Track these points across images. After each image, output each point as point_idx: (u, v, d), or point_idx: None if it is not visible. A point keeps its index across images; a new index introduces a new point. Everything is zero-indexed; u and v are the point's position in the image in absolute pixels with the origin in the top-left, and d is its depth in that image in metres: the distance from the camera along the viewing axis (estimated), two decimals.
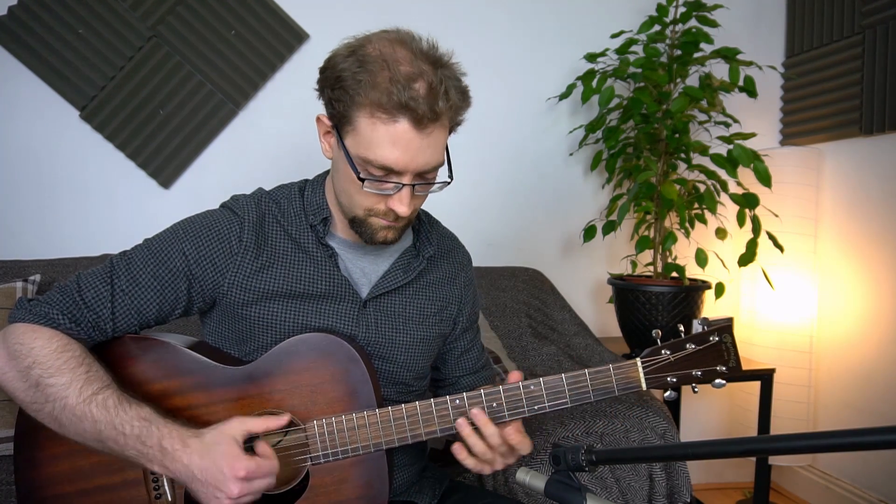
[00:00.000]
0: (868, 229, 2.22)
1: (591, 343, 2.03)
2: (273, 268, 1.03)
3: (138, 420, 0.90)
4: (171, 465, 0.89)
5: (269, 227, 1.06)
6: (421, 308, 1.13)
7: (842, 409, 2.31)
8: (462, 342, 1.23)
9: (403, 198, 0.96)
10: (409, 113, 0.91)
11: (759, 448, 0.75)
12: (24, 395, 0.92)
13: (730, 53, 2.02)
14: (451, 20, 2.29)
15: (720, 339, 1.01)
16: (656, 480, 1.52)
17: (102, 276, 0.99)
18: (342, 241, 1.09)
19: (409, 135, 0.92)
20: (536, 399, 1.00)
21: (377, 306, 1.09)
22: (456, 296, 1.19)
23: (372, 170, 0.94)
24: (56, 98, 2.03)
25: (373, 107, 0.91)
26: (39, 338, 0.92)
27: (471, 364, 1.25)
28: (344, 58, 0.94)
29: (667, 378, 1.01)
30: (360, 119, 0.93)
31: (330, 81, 0.96)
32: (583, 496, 0.77)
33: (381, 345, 1.09)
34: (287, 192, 1.10)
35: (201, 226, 1.03)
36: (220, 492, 0.87)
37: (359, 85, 0.91)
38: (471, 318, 1.24)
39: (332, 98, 0.95)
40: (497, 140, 2.37)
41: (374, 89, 0.90)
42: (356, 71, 0.92)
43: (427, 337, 1.14)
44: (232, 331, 1.05)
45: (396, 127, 0.92)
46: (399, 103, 0.90)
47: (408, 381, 1.13)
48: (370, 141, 0.93)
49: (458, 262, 1.21)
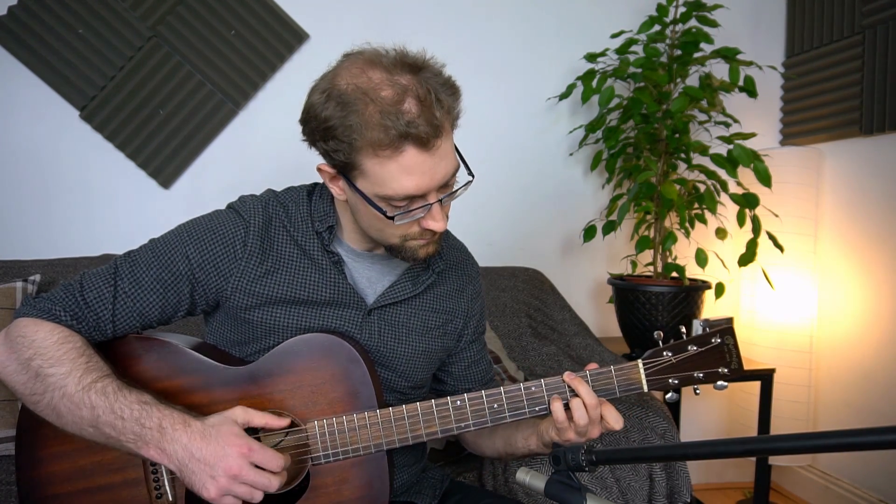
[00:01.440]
0: (868, 229, 2.22)
1: (591, 343, 2.03)
2: (277, 273, 1.03)
3: (138, 404, 0.89)
4: (168, 445, 0.87)
5: (275, 232, 1.04)
6: (425, 320, 1.12)
7: (842, 409, 2.31)
8: (469, 353, 1.21)
9: (436, 215, 0.94)
10: (412, 139, 0.87)
11: (759, 448, 0.75)
12: (24, 388, 0.92)
13: (730, 53, 2.02)
14: (451, 20, 2.29)
15: (722, 340, 1.01)
16: (656, 480, 1.52)
17: (106, 277, 0.99)
18: (349, 248, 1.08)
19: (418, 158, 0.89)
20: (538, 400, 1.00)
21: (382, 315, 1.08)
22: (462, 309, 1.17)
23: (396, 203, 0.92)
24: (56, 98, 2.03)
25: (374, 147, 0.88)
26: (41, 330, 0.93)
27: (479, 376, 1.23)
28: (322, 105, 0.90)
29: (668, 380, 1.01)
30: (365, 161, 0.90)
31: (319, 133, 0.92)
32: (583, 496, 0.77)
33: (383, 353, 1.08)
34: (296, 195, 1.09)
35: (206, 229, 1.02)
36: (216, 469, 0.85)
37: (351, 130, 0.87)
38: (477, 330, 1.22)
39: (329, 150, 0.92)
40: (497, 140, 2.37)
41: (368, 130, 0.86)
42: (341, 116, 0.88)
43: (429, 349, 1.13)
44: (234, 332, 1.05)
45: (405, 157, 0.88)
46: (398, 134, 0.86)
47: (404, 390, 1.13)
48: (383, 179, 0.90)
49: (466, 275, 1.20)
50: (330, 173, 0.97)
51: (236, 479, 0.86)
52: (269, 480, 0.88)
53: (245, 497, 0.88)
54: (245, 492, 0.87)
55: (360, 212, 0.98)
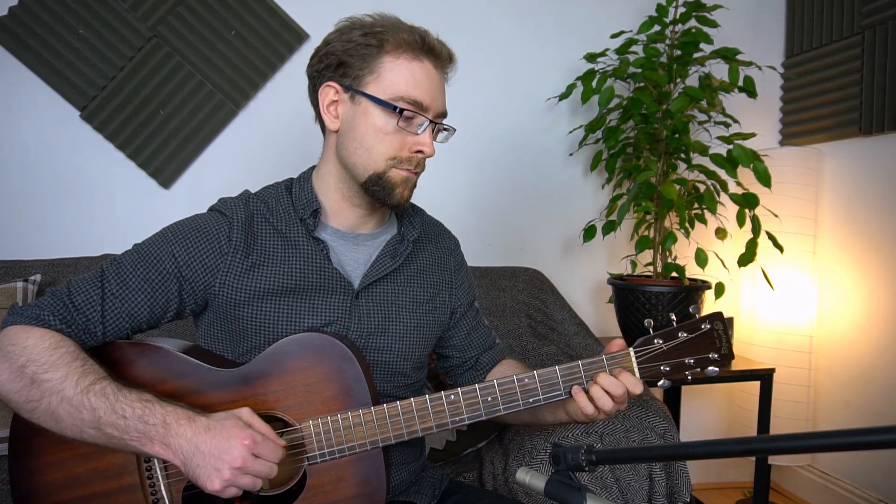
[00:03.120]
0: (868, 229, 2.22)
1: (591, 343, 2.03)
2: (264, 266, 1.04)
3: (139, 402, 0.90)
4: (173, 440, 0.88)
5: (258, 226, 1.06)
6: (413, 295, 1.15)
7: (841, 409, 2.31)
8: (466, 322, 1.25)
9: (427, 138, 1.04)
10: (433, 54, 1.03)
11: (759, 448, 0.75)
12: (18, 396, 0.91)
13: (729, 54, 2.02)
14: (451, 20, 2.29)
15: (711, 326, 1.02)
16: (656, 480, 1.52)
17: (93, 281, 0.99)
18: (334, 231, 1.10)
19: (432, 73, 1.03)
20: (531, 392, 1.01)
21: (369, 296, 1.10)
22: (446, 280, 1.21)
23: (402, 105, 1.01)
24: (56, 98, 2.03)
25: (398, 48, 1.00)
26: (31, 336, 0.92)
27: (482, 340, 1.26)
28: (346, 32, 1.03)
29: (660, 367, 1.02)
30: (385, 64, 1.01)
31: (335, 58, 1.02)
32: (583, 496, 0.77)
33: (376, 335, 1.09)
34: (274, 190, 1.12)
35: (190, 228, 1.04)
36: (221, 461, 0.86)
37: (377, 36, 1.00)
38: (467, 301, 1.25)
39: (344, 62, 1.02)
40: (497, 140, 2.37)
41: (395, 33, 1.00)
42: (368, 32, 1.01)
43: (421, 324, 1.15)
44: (225, 331, 1.06)
45: (423, 64, 1.02)
46: (423, 43, 1.01)
47: (406, 371, 1.14)
48: (398, 79, 1.01)
49: (444, 247, 1.23)
50: (334, 91, 1.04)
51: (241, 470, 0.87)
52: (269, 469, 0.90)
53: (248, 487, 0.89)
54: (248, 482, 0.88)
55: (356, 128, 1.04)
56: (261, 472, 0.89)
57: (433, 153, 1.04)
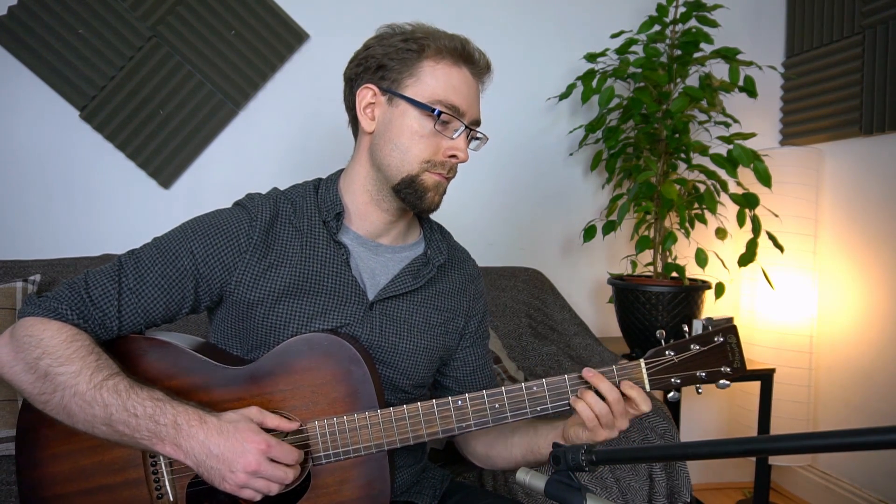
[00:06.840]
0: (868, 229, 2.22)
1: (591, 343, 2.03)
2: (281, 266, 1.03)
3: (150, 401, 0.90)
4: (185, 441, 0.88)
5: (281, 228, 1.06)
6: (427, 317, 1.13)
7: (842, 409, 2.31)
8: (472, 356, 1.21)
9: (463, 143, 1.05)
10: (471, 61, 1.06)
11: (759, 448, 0.75)
12: (32, 388, 0.91)
13: (730, 53, 2.02)
14: (451, 20, 2.27)
15: (725, 339, 1.01)
16: (656, 480, 1.52)
17: (110, 275, 0.99)
18: (356, 236, 1.09)
19: (470, 80, 1.06)
20: (539, 400, 1.00)
21: (383, 310, 1.08)
22: (464, 308, 1.18)
23: (440, 108, 1.02)
24: (56, 98, 2.03)
25: (439, 53, 1.02)
26: (48, 329, 0.92)
27: (486, 382, 1.23)
28: (387, 37, 1.05)
29: (671, 379, 1.00)
30: (425, 68, 1.02)
31: (375, 61, 1.04)
32: (583, 496, 0.77)
33: (384, 350, 1.08)
34: (302, 189, 1.12)
35: (210, 224, 1.03)
36: (235, 464, 0.86)
37: (418, 41, 1.02)
38: (479, 331, 1.22)
39: (384, 66, 1.03)
40: (497, 140, 2.35)
41: (436, 40, 1.03)
42: (409, 38, 1.03)
43: (430, 347, 1.13)
44: (236, 328, 1.05)
45: (462, 71, 1.05)
46: (462, 51, 1.04)
47: (407, 388, 1.13)
48: (437, 83, 1.02)
49: (468, 275, 1.21)
50: (372, 93, 1.05)
51: (255, 474, 0.87)
52: (285, 473, 0.90)
53: (262, 491, 0.89)
54: (263, 486, 0.89)
55: (391, 130, 1.04)
56: (275, 476, 0.89)
57: (467, 158, 1.06)
